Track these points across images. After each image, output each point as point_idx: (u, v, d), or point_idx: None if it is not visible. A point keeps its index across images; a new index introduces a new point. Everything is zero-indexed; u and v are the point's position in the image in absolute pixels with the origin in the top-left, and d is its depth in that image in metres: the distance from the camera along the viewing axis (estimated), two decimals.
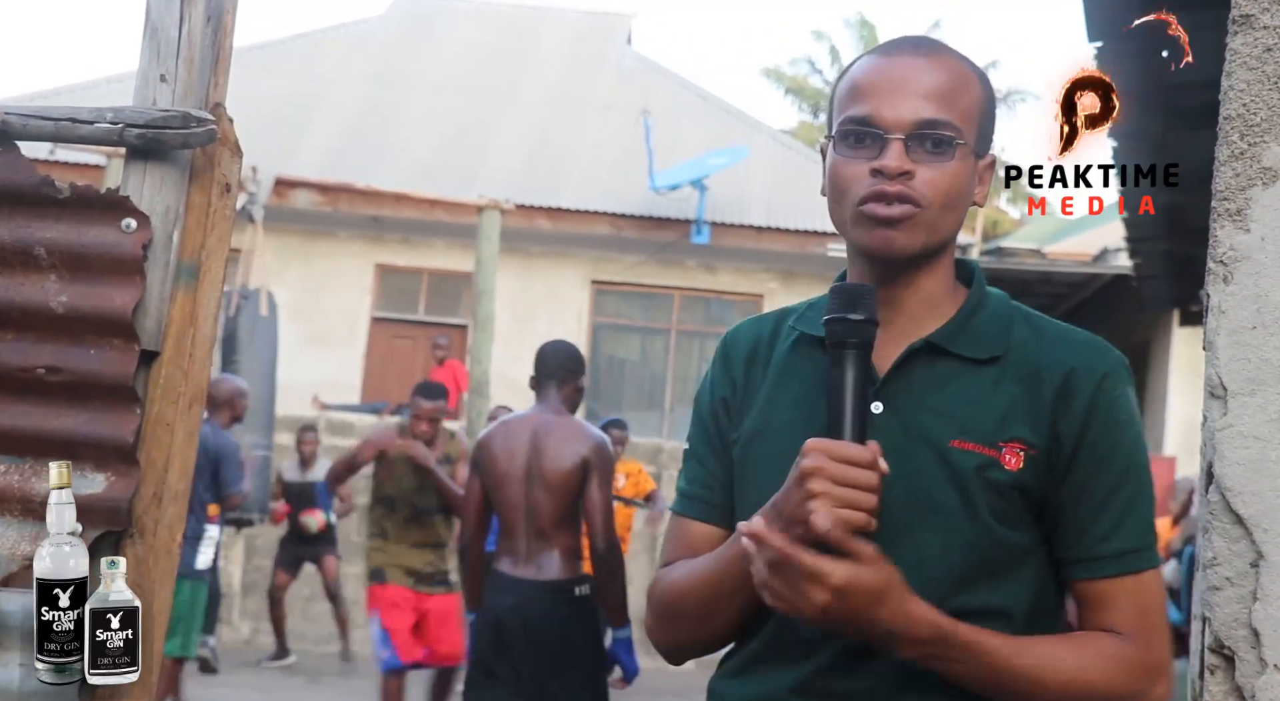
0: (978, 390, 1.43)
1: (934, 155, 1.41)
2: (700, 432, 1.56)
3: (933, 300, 1.48)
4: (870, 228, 1.42)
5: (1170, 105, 5.02)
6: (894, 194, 1.40)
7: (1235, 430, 1.57)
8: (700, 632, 1.51)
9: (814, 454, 1.32)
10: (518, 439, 4.37)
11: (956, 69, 1.46)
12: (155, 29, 1.94)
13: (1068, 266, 13.03)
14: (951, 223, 1.45)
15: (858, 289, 1.40)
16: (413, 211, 12.48)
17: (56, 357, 1.86)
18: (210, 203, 1.95)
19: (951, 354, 1.45)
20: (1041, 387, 1.43)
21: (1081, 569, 1.43)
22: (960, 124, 1.42)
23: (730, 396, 1.53)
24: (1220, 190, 1.61)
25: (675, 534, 1.57)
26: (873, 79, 1.44)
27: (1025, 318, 1.50)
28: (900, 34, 1.56)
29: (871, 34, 26.95)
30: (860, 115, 1.42)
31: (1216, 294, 1.60)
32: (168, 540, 1.90)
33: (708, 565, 1.47)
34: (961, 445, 1.40)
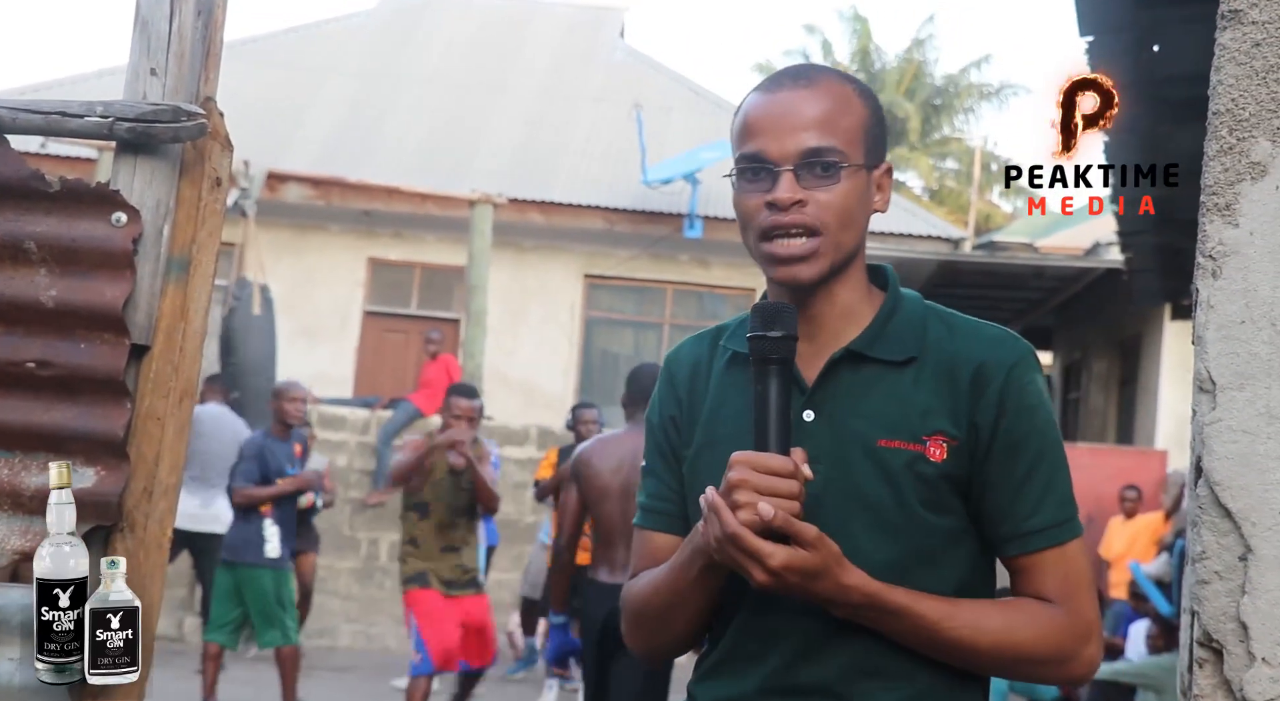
0: (899, 390, 1.53)
1: (822, 179, 1.51)
2: (654, 449, 1.67)
3: (849, 310, 1.58)
4: (775, 266, 1.53)
5: (1160, 99, 5.03)
6: (789, 223, 1.50)
7: (1224, 424, 1.57)
8: (664, 634, 1.62)
9: (739, 467, 1.44)
10: (615, 456, 4.68)
11: (836, 92, 1.55)
12: (146, 23, 1.93)
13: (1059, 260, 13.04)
14: (852, 238, 1.55)
15: (776, 307, 1.51)
16: (405, 205, 12.47)
17: (46, 351, 1.85)
18: (201, 197, 1.94)
19: (871, 358, 1.55)
20: (956, 381, 1.53)
21: (1010, 546, 1.54)
22: (844, 146, 1.52)
23: (678, 414, 1.64)
24: (1209, 185, 1.61)
25: (639, 546, 1.67)
26: (759, 116, 1.55)
27: (939, 317, 1.59)
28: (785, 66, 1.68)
29: (865, 28, 26.94)
30: (751, 152, 1.54)
31: (1205, 288, 1.61)
32: (158, 534, 1.90)
33: (664, 571, 1.58)
34: (888, 443, 1.51)
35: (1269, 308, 1.56)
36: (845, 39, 27.21)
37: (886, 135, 1.61)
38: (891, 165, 1.60)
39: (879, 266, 1.64)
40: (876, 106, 1.59)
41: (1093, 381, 14.57)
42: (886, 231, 13.04)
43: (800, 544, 1.42)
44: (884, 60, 27.05)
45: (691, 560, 1.51)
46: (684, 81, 16.36)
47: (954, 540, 1.54)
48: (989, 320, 1.65)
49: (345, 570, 10.57)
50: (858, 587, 1.45)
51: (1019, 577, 1.54)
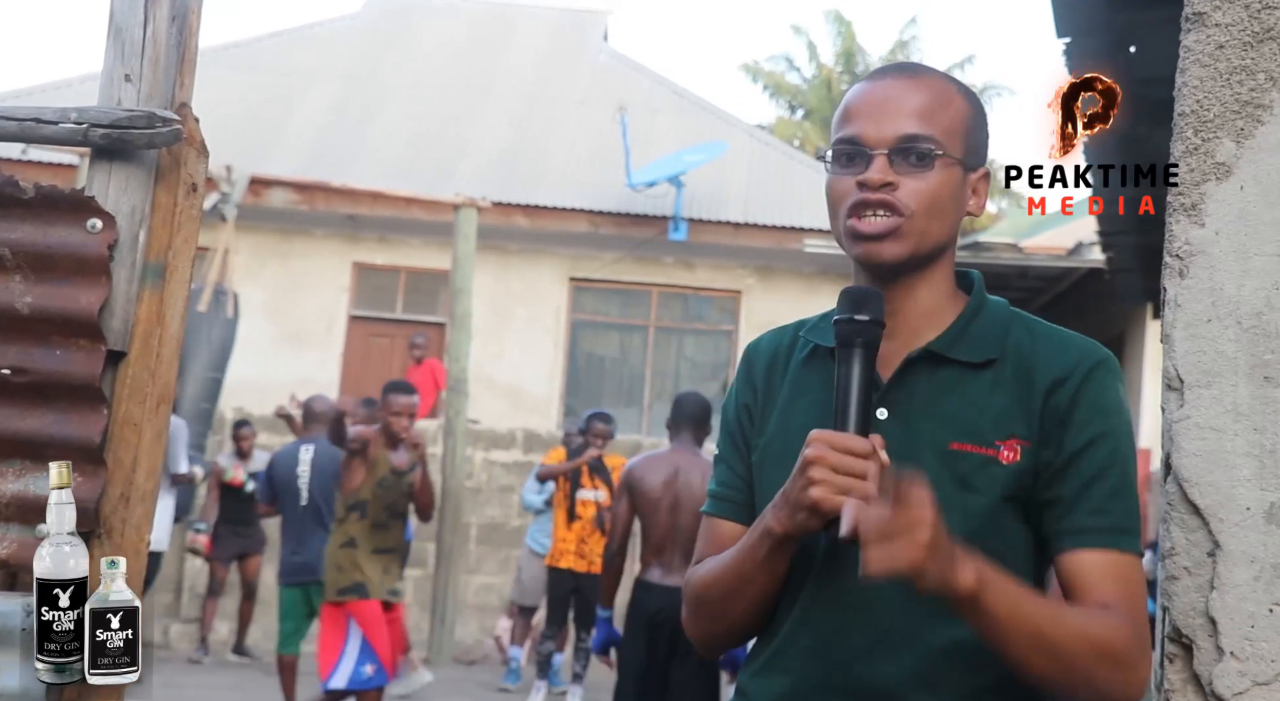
0: (975, 393, 1.51)
1: (916, 167, 1.51)
2: (727, 438, 1.66)
3: (932, 309, 1.56)
4: (859, 242, 1.52)
5: (1138, 100, 5.06)
6: (875, 201, 1.50)
7: (1191, 422, 1.59)
8: (723, 621, 1.59)
9: (816, 443, 1.41)
10: (663, 472, 5.32)
11: (938, 87, 1.55)
12: (120, 29, 1.94)
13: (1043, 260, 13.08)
14: (939, 231, 1.53)
15: (864, 292, 1.50)
16: (389, 209, 12.45)
17: (22, 358, 1.85)
18: (176, 203, 1.95)
19: (950, 360, 1.53)
20: (1033, 385, 1.51)
21: (1069, 539, 1.47)
22: (942, 137, 1.52)
23: (753, 403, 1.63)
24: (1175, 185, 1.63)
25: (706, 533, 1.66)
26: (860, 102, 1.55)
27: (1022, 322, 1.58)
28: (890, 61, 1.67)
29: (849, 30, 27.00)
30: (848, 135, 1.54)
31: (1173, 287, 1.63)
32: (135, 540, 1.90)
33: (730, 554, 1.56)
34: (961, 447, 1.49)
35: (1235, 306, 1.58)
36: (830, 40, 27.27)
37: (988, 141, 1.60)
38: (990, 171, 1.59)
39: (966, 271, 1.62)
40: (981, 111, 1.59)
41: None
42: None
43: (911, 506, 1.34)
44: (868, 61, 27.09)
45: (760, 542, 1.49)
46: (668, 84, 16.37)
47: (1018, 546, 1.50)
48: None
49: None
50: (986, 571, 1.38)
51: (1074, 581, 1.46)
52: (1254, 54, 1.58)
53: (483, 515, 11.29)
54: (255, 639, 10.58)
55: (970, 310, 1.57)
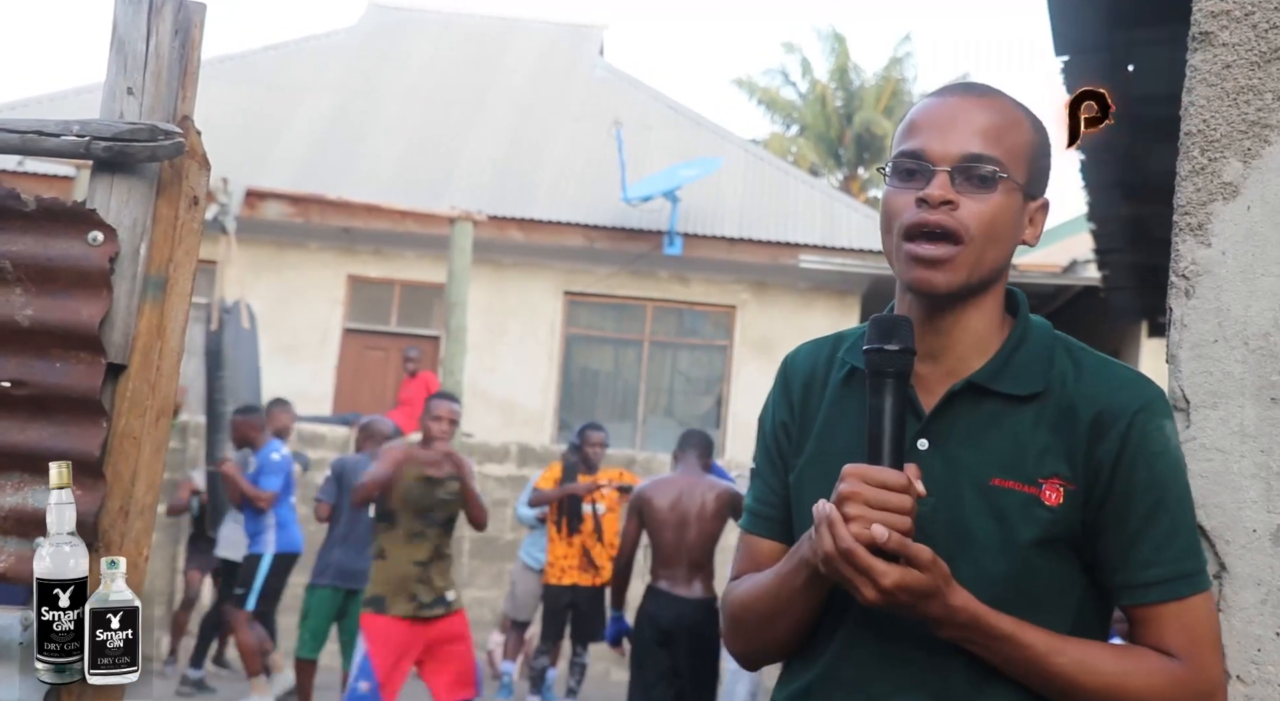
0: (1018, 428, 1.48)
1: (978, 188, 1.47)
2: (764, 454, 1.64)
3: (980, 338, 1.53)
4: (912, 267, 1.48)
5: (1136, 118, 5.07)
6: (935, 223, 1.46)
7: (1198, 443, 1.58)
8: (764, 639, 1.58)
9: (850, 479, 1.40)
10: (670, 494, 5.90)
11: (1007, 110, 1.52)
12: (122, 42, 1.93)
13: (1037, 277, 13.10)
14: (995, 258, 1.50)
15: (893, 320, 1.47)
16: (384, 222, 12.44)
17: (22, 371, 1.84)
18: (178, 215, 1.94)
19: (994, 392, 1.50)
20: (1076, 423, 1.47)
21: (1126, 595, 1.47)
22: (1007, 160, 1.48)
23: (789, 421, 1.61)
24: (1181, 205, 1.62)
25: (744, 550, 1.65)
26: (926, 117, 1.52)
27: (1066, 350, 1.54)
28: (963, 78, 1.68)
29: (843, 46, 27.06)
30: (911, 149, 1.50)
31: (1179, 308, 1.62)
32: (134, 554, 1.89)
33: (769, 577, 1.55)
34: (1003, 483, 1.46)
35: (1242, 327, 1.58)
36: (824, 57, 27.32)
37: (1050, 171, 1.57)
38: (1049, 202, 1.56)
39: (1011, 290, 1.58)
40: (1046, 140, 1.55)
41: None
42: (866, 248, 13.09)
43: (914, 565, 1.38)
44: (862, 78, 27.16)
45: (797, 570, 1.48)
46: (663, 99, 16.40)
47: (1062, 586, 1.48)
48: None
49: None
50: (963, 608, 1.41)
51: (1137, 628, 1.48)
52: (1261, 74, 1.58)
53: None
54: None
55: (1015, 338, 1.53)
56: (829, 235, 13.47)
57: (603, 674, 10.25)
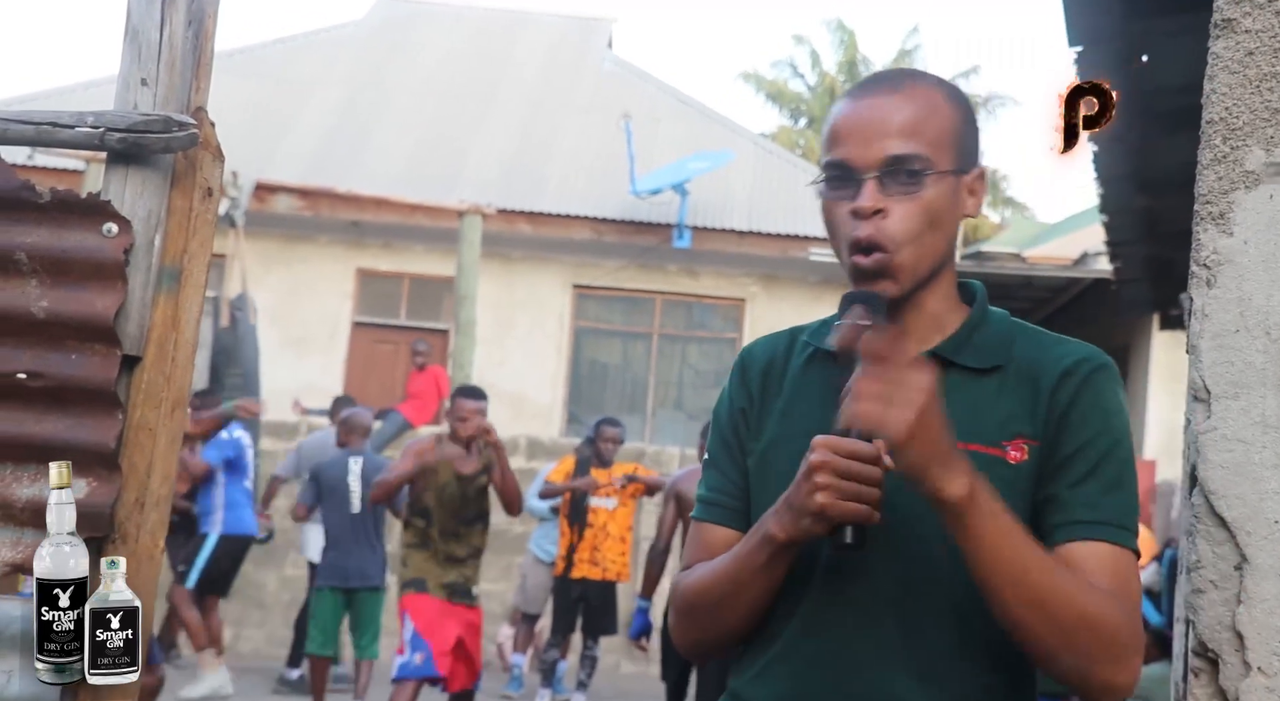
0: (980, 397, 1.52)
1: (906, 187, 1.50)
2: (720, 443, 1.65)
3: (936, 318, 1.57)
4: (857, 277, 1.53)
5: (1149, 109, 5.05)
6: (866, 239, 1.49)
7: (1219, 433, 1.57)
8: (717, 625, 1.58)
9: (820, 449, 1.41)
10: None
11: (924, 97, 1.53)
12: (136, 32, 1.93)
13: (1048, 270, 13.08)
14: (935, 246, 1.53)
15: (865, 295, 1.50)
16: (393, 216, 12.45)
17: (37, 363, 1.84)
18: (192, 207, 1.93)
19: (956, 365, 1.54)
20: (1039, 387, 1.52)
21: (1065, 531, 1.47)
22: (931, 152, 1.50)
23: (748, 408, 1.62)
24: (1203, 194, 1.61)
25: (696, 539, 1.65)
26: (846, 122, 1.53)
27: (1025, 332, 1.59)
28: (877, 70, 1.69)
29: (851, 39, 27.02)
30: (836, 159, 1.53)
31: (1200, 297, 1.61)
32: (150, 546, 1.89)
33: (725, 561, 1.55)
34: (967, 446, 1.47)
35: (1264, 316, 1.56)
36: (833, 49, 27.28)
37: (979, 138, 1.59)
38: (985, 169, 1.59)
39: (968, 282, 1.63)
40: (969, 110, 1.58)
41: None
42: None
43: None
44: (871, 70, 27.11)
45: (760, 548, 1.49)
46: (672, 92, 16.38)
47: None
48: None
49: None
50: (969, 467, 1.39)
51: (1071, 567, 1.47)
52: None
53: None
54: (257, 643, 10.56)
55: (974, 320, 1.58)
56: None
57: (613, 666, 10.26)
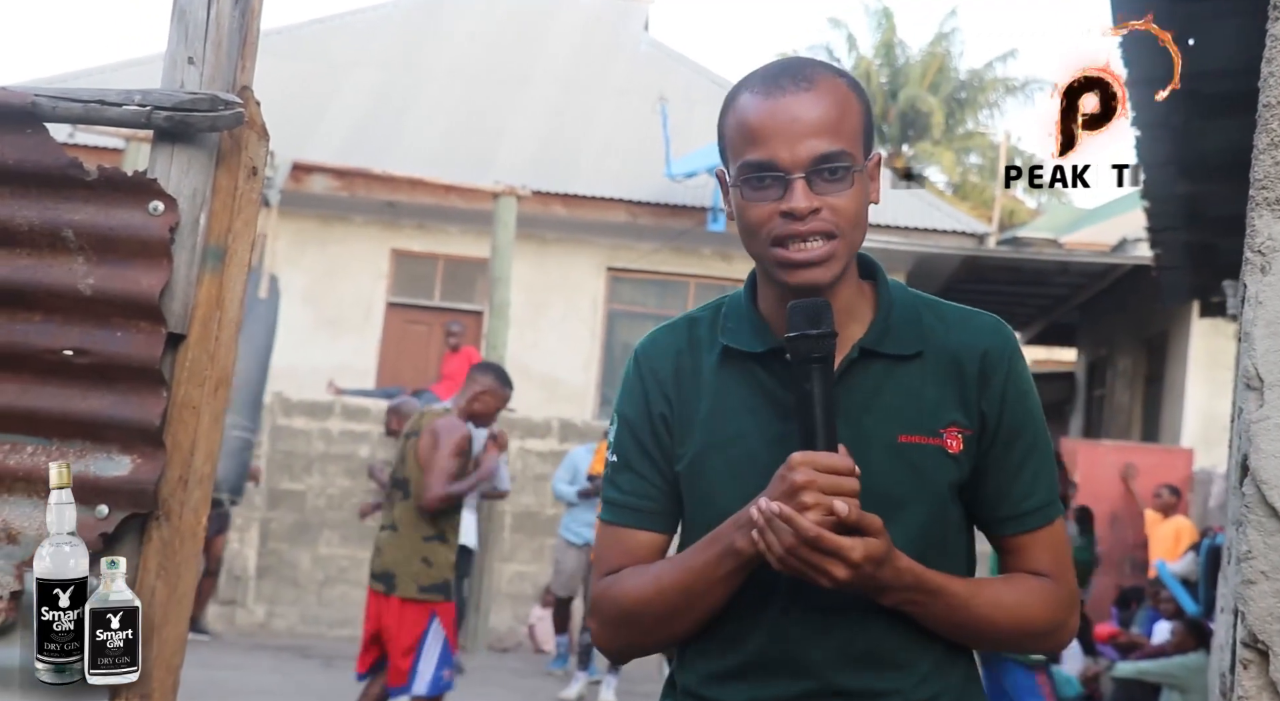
0: (910, 385, 1.56)
1: (834, 184, 1.51)
2: (634, 445, 1.62)
3: (850, 307, 1.58)
4: (792, 270, 1.52)
5: (1193, 94, 4.98)
6: (807, 231, 1.50)
7: (1272, 422, 1.55)
8: (660, 635, 1.59)
9: (802, 469, 1.44)
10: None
11: (836, 92, 1.53)
12: (183, 11, 1.93)
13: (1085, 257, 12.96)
14: (860, 237, 1.56)
15: (815, 306, 1.50)
16: (428, 197, 12.46)
17: (83, 340, 1.85)
18: (237, 186, 1.94)
19: (881, 354, 1.56)
20: (963, 373, 1.56)
21: (1010, 525, 1.58)
22: (851, 148, 1.53)
23: (668, 413, 1.61)
24: (1259, 179, 1.59)
25: (614, 543, 1.62)
26: (763, 121, 1.51)
27: (928, 306, 1.62)
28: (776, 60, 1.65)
29: (889, 22, 26.82)
30: (759, 159, 1.51)
31: (1254, 284, 1.59)
32: (193, 523, 1.90)
33: (673, 571, 1.55)
34: (909, 438, 1.53)
35: None
36: (869, 32, 27.10)
37: (874, 124, 1.62)
38: (881, 156, 1.61)
39: (864, 256, 1.63)
40: (866, 98, 1.58)
41: (1118, 378, 14.47)
42: (911, 226, 12.99)
43: (870, 533, 1.44)
44: (908, 54, 26.92)
45: (719, 560, 1.50)
46: (708, 74, 16.31)
47: (959, 528, 1.59)
48: (1013, 316, 1.65)
49: (366, 560, 10.58)
50: (908, 568, 1.48)
51: (1013, 556, 1.59)
52: None
53: (517, 503, 11.30)
54: (291, 622, 10.65)
55: (885, 303, 1.59)
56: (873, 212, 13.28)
57: None
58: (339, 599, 10.67)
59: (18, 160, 1.86)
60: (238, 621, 10.41)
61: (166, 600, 1.88)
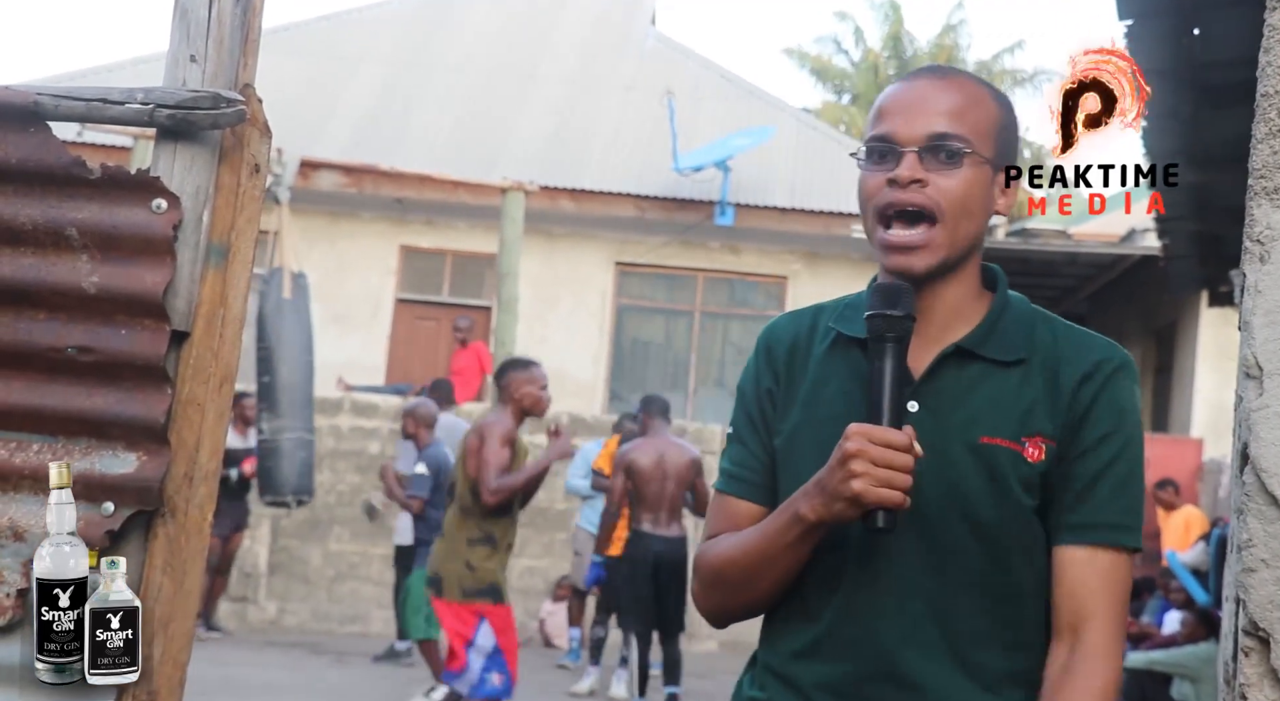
0: (1004, 390, 1.56)
1: (946, 165, 1.55)
2: (745, 418, 1.69)
3: (959, 307, 1.60)
4: (889, 253, 1.57)
5: (1200, 84, 4.97)
6: (906, 201, 1.54)
7: (1271, 411, 1.55)
8: (741, 597, 1.64)
9: (856, 438, 1.47)
10: (652, 454, 7.37)
11: (969, 89, 1.60)
12: (185, 9, 1.94)
13: (1094, 247, 12.92)
14: (969, 231, 1.57)
15: (896, 288, 1.54)
16: (437, 193, 12.48)
17: (88, 337, 1.86)
18: (240, 183, 1.95)
19: (980, 357, 1.57)
20: (1060, 385, 1.55)
21: (1072, 534, 1.54)
22: (972, 136, 1.56)
23: (775, 388, 1.67)
24: (1257, 168, 1.59)
25: (720, 510, 1.69)
26: (893, 102, 1.60)
27: (1045, 321, 1.62)
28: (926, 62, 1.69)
29: (896, 14, 26.77)
30: (880, 134, 1.58)
31: (1253, 273, 1.59)
32: (199, 519, 1.91)
33: (754, 535, 1.60)
34: (991, 440, 1.53)
35: None
36: (877, 24, 27.04)
37: (1018, 143, 1.63)
38: (1020, 170, 1.62)
39: (989, 266, 1.66)
40: (1012, 114, 1.63)
41: None
42: None
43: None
44: (916, 46, 26.86)
45: (789, 526, 1.54)
46: (716, 68, 16.30)
47: (1036, 533, 1.56)
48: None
49: (377, 556, 10.62)
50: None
51: (1065, 574, 1.53)
52: None
53: None
54: (302, 618, 10.68)
55: (997, 308, 1.61)
56: None
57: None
58: (350, 595, 10.70)
59: (21, 159, 1.87)
60: (249, 618, 10.45)
61: (173, 596, 1.89)
